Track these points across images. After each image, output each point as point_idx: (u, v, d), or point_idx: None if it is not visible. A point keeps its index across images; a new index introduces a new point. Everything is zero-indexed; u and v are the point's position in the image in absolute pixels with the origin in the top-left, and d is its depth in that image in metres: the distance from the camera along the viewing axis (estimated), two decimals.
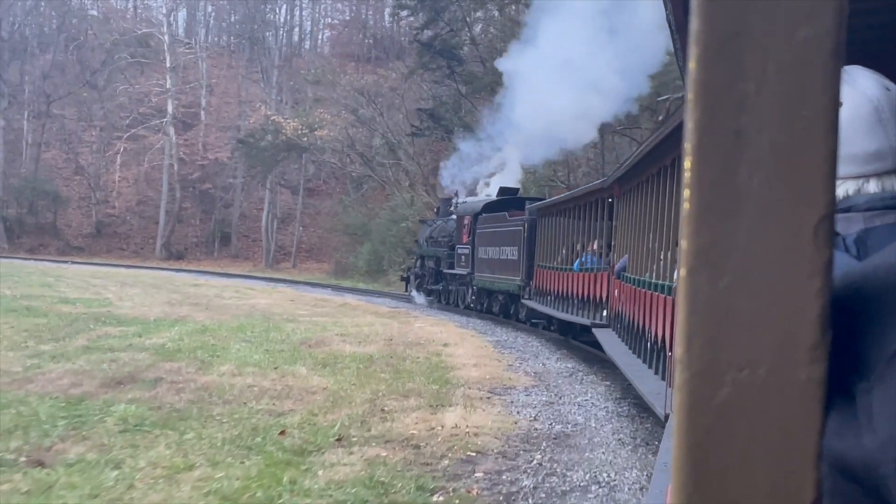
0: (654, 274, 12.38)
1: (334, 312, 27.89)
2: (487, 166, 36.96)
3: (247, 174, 61.81)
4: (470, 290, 30.55)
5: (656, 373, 11.73)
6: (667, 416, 8.63)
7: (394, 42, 57.51)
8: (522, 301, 25.18)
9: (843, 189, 1.58)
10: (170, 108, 67.07)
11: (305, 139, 50.34)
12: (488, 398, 12.92)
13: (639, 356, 13.27)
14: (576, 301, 19.65)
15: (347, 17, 79.70)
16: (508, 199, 29.73)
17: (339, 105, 51.02)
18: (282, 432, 10.07)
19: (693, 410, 0.75)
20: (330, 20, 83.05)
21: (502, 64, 36.10)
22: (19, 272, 42.21)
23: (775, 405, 0.75)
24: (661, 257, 11.98)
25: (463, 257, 30.95)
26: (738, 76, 0.74)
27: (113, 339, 18.15)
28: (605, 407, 12.62)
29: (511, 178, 35.33)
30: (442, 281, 33.54)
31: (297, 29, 78.92)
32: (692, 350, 0.75)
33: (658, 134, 12.30)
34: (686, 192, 0.75)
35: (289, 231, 65.92)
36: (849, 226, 1.51)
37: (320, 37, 79.48)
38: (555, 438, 10.44)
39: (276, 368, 14.78)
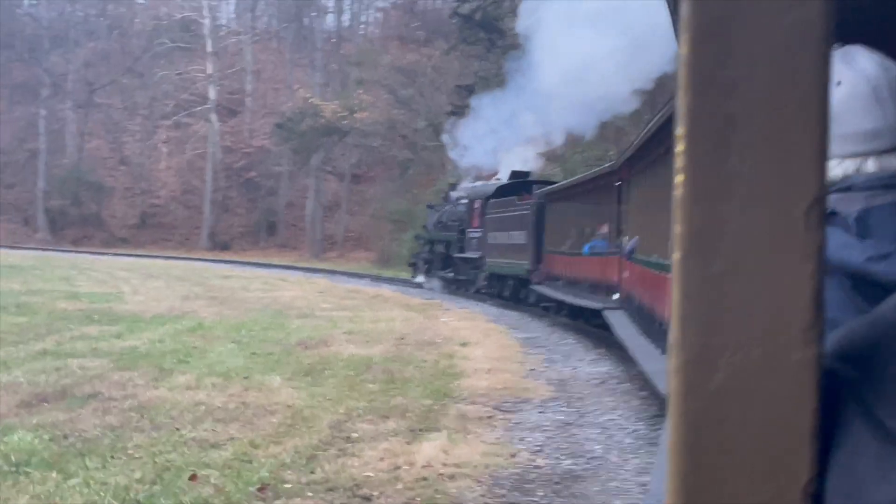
0: (661, 254, 12.14)
1: (361, 305, 25.60)
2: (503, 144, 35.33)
3: (291, 161, 59.63)
4: (481, 275, 30.24)
5: (663, 353, 11.34)
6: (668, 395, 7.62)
7: (441, 21, 54.88)
8: (531, 286, 24.87)
9: (843, 168, 1.59)
10: (211, 95, 65.18)
11: (345, 122, 47.95)
12: (489, 418, 10.39)
13: (648, 337, 13.06)
14: (586, 285, 19.50)
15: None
16: (519, 183, 29.21)
17: (379, 86, 48.60)
18: (192, 476, 7.64)
19: (688, 394, 0.77)
20: (380, 3, 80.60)
21: (522, 23, 33.42)
22: (48, 265, 40.67)
23: (769, 387, 0.76)
24: (670, 237, 10.11)
25: (474, 241, 30.68)
26: (728, 61, 0.75)
27: (85, 340, 15.95)
28: (633, 431, 10.00)
29: (527, 159, 34.13)
30: (451, 265, 33.23)
31: (345, 12, 76.61)
32: (686, 334, 0.76)
33: (664, 113, 11.97)
34: (678, 177, 0.76)
35: (335, 219, 63.69)
36: (849, 205, 1.51)
37: (367, 18, 77.03)
38: (557, 483, 7.87)
39: (245, 378, 12.42)
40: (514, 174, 31.25)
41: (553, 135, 34.23)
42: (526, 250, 25.56)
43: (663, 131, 12.17)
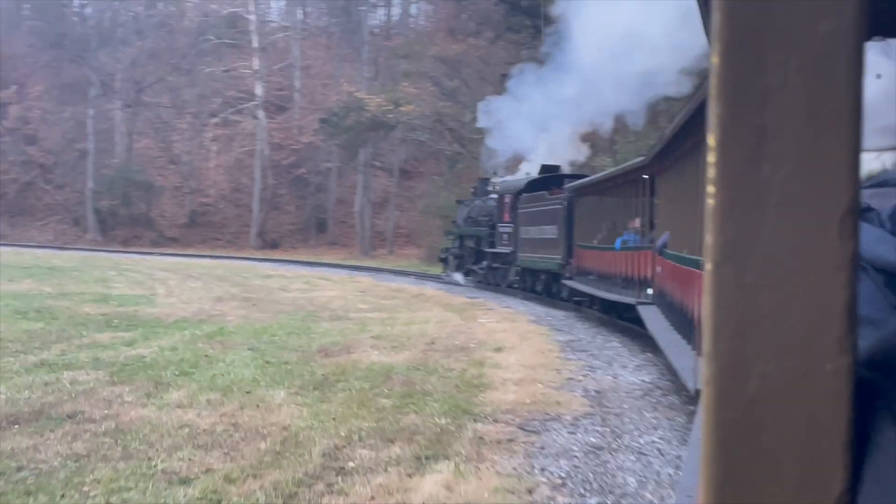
0: (690, 249, 12.10)
1: (399, 305, 24.42)
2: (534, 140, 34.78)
3: (339, 157, 58.60)
4: (513, 270, 30.19)
5: (694, 349, 11.27)
6: (697, 392, 8.18)
7: (490, 11, 53.45)
8: (563, 281, 24.99)
9: (880, 161, 1.62)
10: (258, 91, 64.38)
11: (391, 116, 46.72)
12: (509, 441, 9.08)
13: (679, 332, 13.04)
14: (619, 280, 19.30)
15: None
16: (550, 178, 29.02)
17: (426, 78, 47.32)
18: None
19: (721, 404, 0.77)
20: None
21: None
22: (90, 265, 40.12)
23: (803, 397, 0.75)
24: (700, 234, 10.53)
25: (505, 236, 30.56)
26: (761, 71, 0.75)
27: (91, 349, 14.96)
28: (675, 458, 8.59)
29: (573, 147, 33.71)
30: (483, 260, 33.07)
31: (394, 6, 75.45)
32: (719, 344, 0.76)
33: (692, 106, 11.77)
34: (710, 188, 0.77)
35: (385, 215, 62.58)
36: (884, 201, 1.48)
37: (416, 10, 75.75)
38: None
39: (247, 393, 11.22)
40: (545, 168, 31.08)
41: (600, 119, 33.07)
42: (558, 245, 25.44)
43: (692, 124, 12.02)
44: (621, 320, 19.48)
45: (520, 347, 15.52)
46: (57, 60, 70.17)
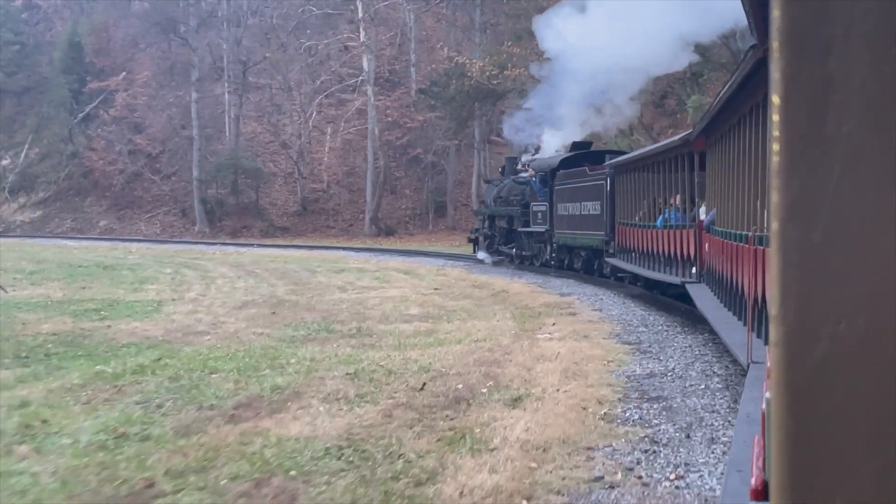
0: (737, 224, 12.04)
1: (464, 309, 19.71)
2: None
3: (452, 133, 53.02)
4: (549, 248, 30.08)
5: (745, 325, 10.80)
6: (748, 366, 8.68)
7: None
8: (606, 259, 24.99)
9: None
10: (365, 65, 59.37)
11: (496, 82, 40.92)
12: None
13: (729, 309, 12.94)
14: (661, 258, 19.22)
15: None
16: (585, 154, 28.94)
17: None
18: None
19: (790, 366, 0.74)
20: None
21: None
22: (156, 262, 36.23)
23: (874, 358, 0.73)
24: (748, 206, 11.29)
25: (539, 215, 30.27)
26: (825, 20, 0.72)
27: None
28: None
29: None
30: (515, 240, 32.92)
31: None
32: (787, 305, 0.74)
33: (737, 77, 11.20)
34: (774, 145, 0.75)
35: None
36: None
37: None
38: None
39: None
40: (576, 145, 30.83)
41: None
42: (601, 221, 25.10)
43: (739, 96, 11.64)
44: (664, 296, 19.77)
45: (553, 397, 9.70)
46: (162, 43, 67.13)
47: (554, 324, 16.26)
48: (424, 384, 10.42)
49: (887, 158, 0.70)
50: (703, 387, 10.83)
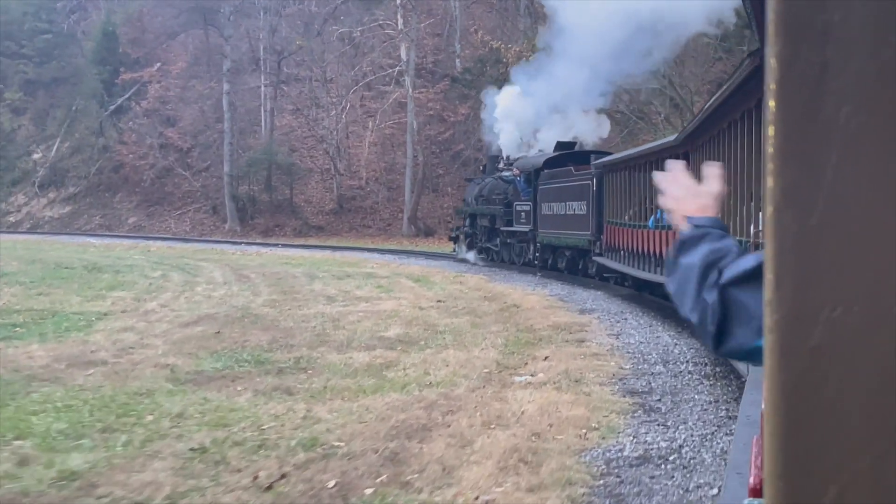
0: (731, 230, 11.81)
1: (457, 329, 17.08)
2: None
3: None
4: (532, 247, 30.34)
5: None
6: (748, 371, 8.41)
7: None
8: (593, 258, 25.26)
9: None
10: (403, 55, 55.99)
11: None
12: None
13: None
14: (653, 258, 19.27)
15: None
16: (570, 154, 29.39)
17: None
18: None
19: (786, 353, 0.73)
20: None
21: None
22: (156, 262, 33.40)
23: (872, 345, 0.72)
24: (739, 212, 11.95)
25: (523, 214, 30.49)
26: (821, 6, 0.72)
27: None
28: None
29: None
30: (496, 239, 33.26)
31: None
32: (782, 290, 0.73)
33: (729, 84, 11.86)
34: (770, 130, 0.74)
35: None
36: None
37: None
38: None
39: None
40: (560, 145, 31.13)
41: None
42: (587, 221, 25.31)
43: (728, 103, 12.04)
44: (652, 296, 20.23)
45: None
46: (198, 32, 64.46)
47: (547, 357, 12.86)
48: (283, 476, 6.91)
49: (885, 144, 0.69)
50: (719, 483, 7.11)
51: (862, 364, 0.71)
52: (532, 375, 11.50)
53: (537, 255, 29.81)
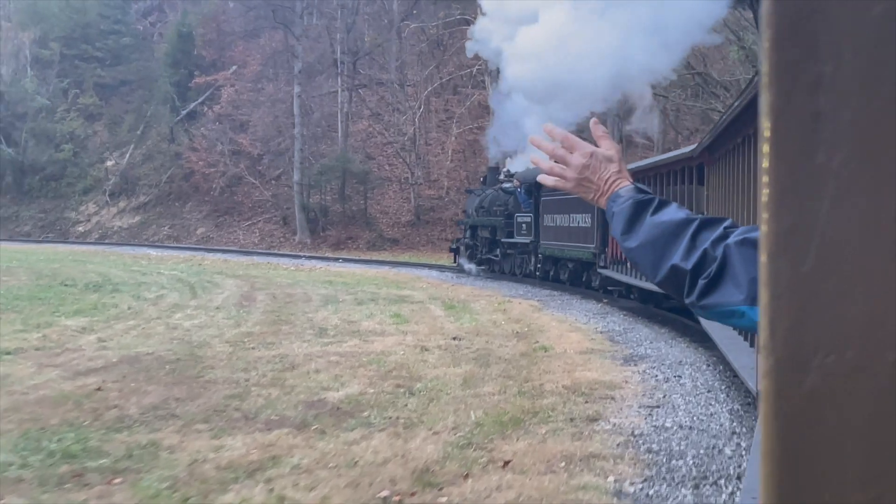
0: None
1: (433, 389, 13.80)
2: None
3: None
4: (534, 259, 30.56)
5: (752, 346, 11.38)
6: (758, 392, 5.64)
7: None
8: (598, 270, 25.22)
9: None
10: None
11: None
12: None
13: (735, 328, 12.60)
14: None
15: None
16: None
17: None
18: None
19: (780, 397, 0.76)
20: None
21: None
22: (187, 272, 30.26)
23: (865, 389, 0.74)
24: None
25: (524, 226, 30.86)
26: (814, 56, 0.74)
27: None
28: None
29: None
30: (497, 250, 33.61)
31: None
32: (776, 336, 0.75)
33: (746, 95, 11.92)
34: (764, 177, 0.76)
35: None
36: None
37: None
38: None
39: None
40: None
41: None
42: (591, 233, 25.38)
43: (746, 115, 11.80)
44: (658, 309, 20.29)
45: None
46: (270, 33, 61.35)
47: (507, 464, 8.08)
48: None
49: (877, 191, 0.72)
50: None
51: (855, 408, 0.72)
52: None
53: (539, 266, 30.14)
